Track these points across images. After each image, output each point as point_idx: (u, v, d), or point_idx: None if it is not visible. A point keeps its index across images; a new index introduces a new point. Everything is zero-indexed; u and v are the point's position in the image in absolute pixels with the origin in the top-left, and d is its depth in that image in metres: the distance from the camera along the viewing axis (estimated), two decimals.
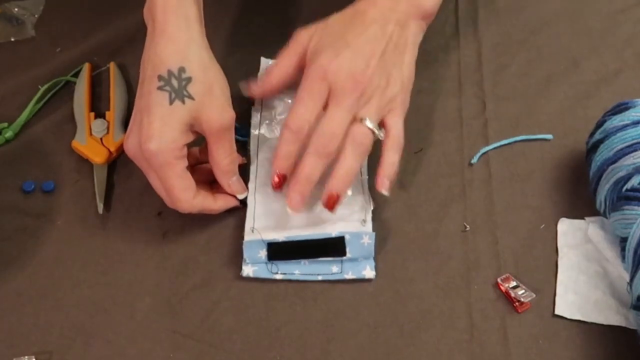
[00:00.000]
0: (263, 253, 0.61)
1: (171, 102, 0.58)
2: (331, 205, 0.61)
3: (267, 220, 0.63)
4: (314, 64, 0.61)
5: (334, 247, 0.61)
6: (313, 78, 0.61)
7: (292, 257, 0.61)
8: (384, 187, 0.62)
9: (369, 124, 0.61)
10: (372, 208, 0.63)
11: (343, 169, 0.61)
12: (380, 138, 0.62)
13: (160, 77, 0.59)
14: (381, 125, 0.62)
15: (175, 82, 0.59)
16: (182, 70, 0.59)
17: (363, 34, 0.62)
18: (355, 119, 0.61)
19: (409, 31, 0.64)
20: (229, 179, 0.63)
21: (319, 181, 0.62)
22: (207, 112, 0.59)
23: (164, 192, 0.61)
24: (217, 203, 0.63)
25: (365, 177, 0.66)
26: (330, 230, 0.61)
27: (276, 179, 0.62)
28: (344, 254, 0.61)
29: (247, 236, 0.62)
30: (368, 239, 0.61)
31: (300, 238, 0.61)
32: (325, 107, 0.61)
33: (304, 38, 0.64)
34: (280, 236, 0.61)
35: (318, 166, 0.60)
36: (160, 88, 0.58)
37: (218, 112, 0.60)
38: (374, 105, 0.61)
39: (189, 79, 0.59)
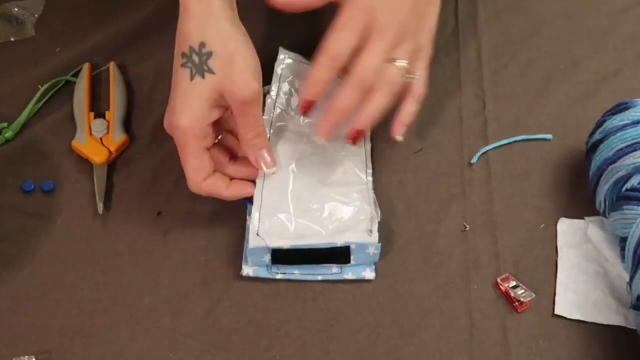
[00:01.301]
0: (267, 257, 0.61)
1: (192, 77, 0.58)
2: (355, 140, 0.61)
3: (272, 222, 0.61)
4: None
5: (338, 255, 0.61)
6: (356, 9, 0.59)
7: (296, 263, 0.61)
8: (399, 133, 0.63)
9: (403, 63, 0.61)
10: (379, 219, 0.63)
11: (372, 106, 0.60)
12: (410, 80, 0.62)
13: (183, 55, 0.59)
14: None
15: (196, 58, 0.58)
16: (202, 45, 0.58)
17: None
18: (389, 59, 0.60)
19: None
20: (255, 153, 0.62)
21: (323, 180, 0.63)
22: (229, 85, 0.58)
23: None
24: (228, 190, 0.62)
25: (371, 182, 0.65)
26: (337, 239, 0.60)
27: (303, 104, 0.60)
28: (348, 261, 0.61)
29: (252, 242, 0.60)
30: (374, 250, 0.61)
31: (305, 247, 0.60)
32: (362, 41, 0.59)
33: None
34: (285, 244, 0.60)
35: (354, 99, 0.59)
36: (183, 65, 0.59)
37: (240, 86, 0.58)
38: (405, 49, 0.61)
39: (209, 54, 0.58)
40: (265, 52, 0.76)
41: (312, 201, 0.63)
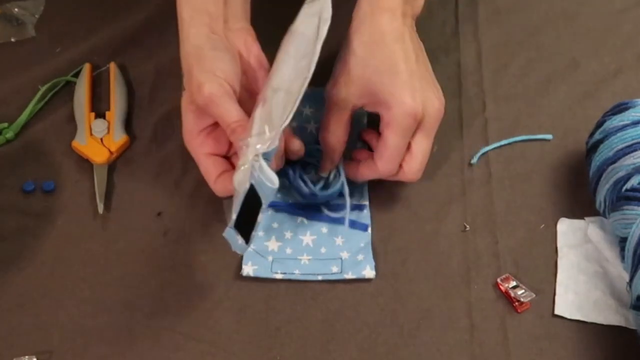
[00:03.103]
0: (239, 238, 0.56)
1: (182, 91, 0.63)
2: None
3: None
4: (396, 108, 0.59)
5: (252, 195, 0.55)
6: (404, 122, 0.59)
7: (252, 223, 0.57)
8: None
9: (436, 147, 0.65)
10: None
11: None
12: None
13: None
14: None
15: (183, 78, 0.62)
16: (182, 66, 0.62)
17: (401, 57, 0.60)
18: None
19: (415, 34, 0.64)
20: (235, 146, 0.61)
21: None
22: (191, 97, 0.61)
23: None
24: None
25: (304, 87, 0.57)
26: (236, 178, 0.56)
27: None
28: (260, 203, 0.56)
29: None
30: (259, 174, 0.55)
31: (239, 202, 0.55)
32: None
33: (341, 94, 0.62)
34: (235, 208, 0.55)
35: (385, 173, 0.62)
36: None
37: (195, 92, 0.60)
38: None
39: (184, 73, 0.61)
40: None
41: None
